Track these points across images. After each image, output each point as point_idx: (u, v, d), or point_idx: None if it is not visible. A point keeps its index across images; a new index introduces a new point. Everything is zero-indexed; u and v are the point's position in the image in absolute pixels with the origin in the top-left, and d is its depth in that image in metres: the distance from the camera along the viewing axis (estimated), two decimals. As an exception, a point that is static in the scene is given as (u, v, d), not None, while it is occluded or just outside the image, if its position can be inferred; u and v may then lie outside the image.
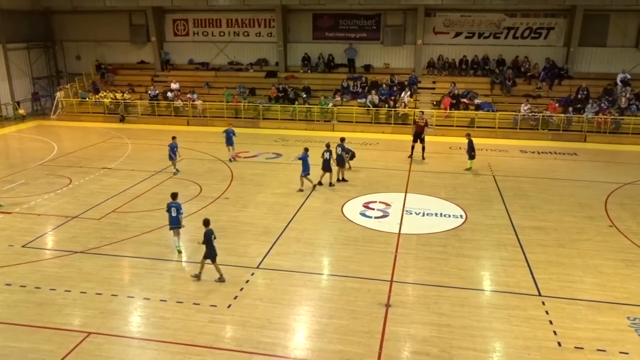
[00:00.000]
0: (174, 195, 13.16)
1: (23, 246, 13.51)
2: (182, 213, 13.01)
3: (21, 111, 32.02)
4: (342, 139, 19.36)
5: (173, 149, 19.79)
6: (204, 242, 11.52)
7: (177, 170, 19.95)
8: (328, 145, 18.67)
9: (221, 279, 11.64)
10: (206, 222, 11.65)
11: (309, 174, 17.94)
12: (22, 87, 33.51)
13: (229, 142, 22.00)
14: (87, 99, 31.77)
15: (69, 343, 9.42)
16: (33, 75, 34.34)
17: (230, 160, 21.80)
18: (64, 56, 36.31)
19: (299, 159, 17.85)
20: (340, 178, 19.05)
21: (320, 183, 18.49)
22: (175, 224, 12.93)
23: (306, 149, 18.07)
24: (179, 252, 13.11)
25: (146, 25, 34.13)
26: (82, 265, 12.43)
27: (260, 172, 20.39)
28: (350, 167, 20.02)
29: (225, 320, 10.21)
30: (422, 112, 23.88)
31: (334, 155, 18.72)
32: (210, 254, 11.60)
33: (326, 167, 18.28)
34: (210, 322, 10.13)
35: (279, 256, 13.00)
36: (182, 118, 30.23)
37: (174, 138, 20.08)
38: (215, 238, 11.59)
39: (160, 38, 34.40)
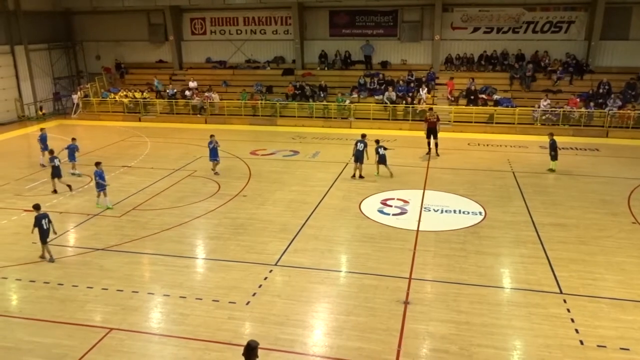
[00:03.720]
0: (98, 164, 16.13)
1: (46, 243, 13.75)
2: (104, 177, 16.17)
3: (43, 111, 32.57)
4: (363, 136, 19.29)
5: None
6: (35, 226, 12.57)
7: (76, 174, 19.64)
8: (364, 136, 18.96)
9: (51, 260, 12.66)
10: (36, 207, 12.93)
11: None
12: (44, 87, 34.03)
13: (45, 146, 20.68)
14: (107, 99, 32.21)
15: (91, 339, 9.58)
16: (54, 75, 34.85)
17: (42, 166, 20.69)
18: (84, 56, 36.82)
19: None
20: (359, 175, 19.04)
21: (361, 176, 18.87)
22: (99, 187, 16.09)
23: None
24: (109, 208, 16.12)
25: (164, 24, 34.40)
26: (103, 262, 12.62)
27: (277, 169, 20.45)
28: (391, 175, 19.22)
29: (244, 317, 10.27)
30: (431, 109, 23.77)
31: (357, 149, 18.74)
32: (41, 237, 12.62)
33: (359, 158, 18.61)
34: (229, 318, 10.20)
35: (297, 253, 13.04)
36: (200, 116, 30.43)
37: (73, 139, 20.11)
38: (50, 222, 12.73)
39: (178, 37, 34.67)
